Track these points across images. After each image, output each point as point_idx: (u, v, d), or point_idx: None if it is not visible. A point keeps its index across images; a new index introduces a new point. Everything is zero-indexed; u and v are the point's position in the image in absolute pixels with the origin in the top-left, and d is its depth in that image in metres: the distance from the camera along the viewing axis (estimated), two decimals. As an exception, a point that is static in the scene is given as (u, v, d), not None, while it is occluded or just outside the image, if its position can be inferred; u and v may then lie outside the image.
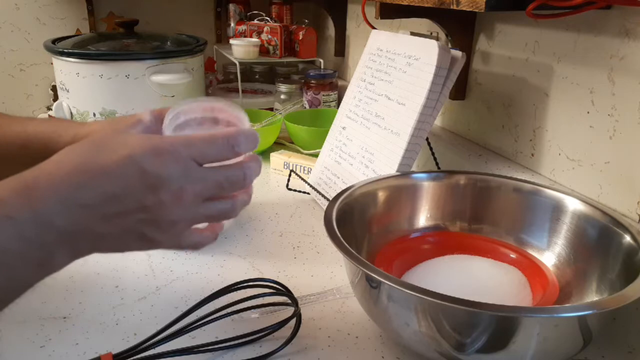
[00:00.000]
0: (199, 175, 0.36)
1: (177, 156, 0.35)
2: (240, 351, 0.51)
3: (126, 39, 1.12)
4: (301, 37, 1.30)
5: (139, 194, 0.34)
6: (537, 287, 0.55)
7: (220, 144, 0.37)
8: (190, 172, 0.36)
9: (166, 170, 0.35)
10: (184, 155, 0.36)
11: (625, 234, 0.51)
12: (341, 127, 0.84)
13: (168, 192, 0.35)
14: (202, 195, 0.37)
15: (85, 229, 0.34)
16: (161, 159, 0.35)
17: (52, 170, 0.34)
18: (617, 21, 0.58)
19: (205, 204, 0.38)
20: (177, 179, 0.35)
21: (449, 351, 0.44)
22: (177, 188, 0.35)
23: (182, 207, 0.36)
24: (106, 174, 0.34)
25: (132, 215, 0.35)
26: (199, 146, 0.36)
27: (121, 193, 0.34)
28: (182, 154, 0.35)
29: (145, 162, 0.34)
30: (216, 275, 0.65)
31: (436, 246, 0.63)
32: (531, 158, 0.73)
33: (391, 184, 0.65)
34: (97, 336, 0.53)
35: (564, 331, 0.42)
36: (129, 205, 0.35)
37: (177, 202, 0.36)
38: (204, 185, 0.37)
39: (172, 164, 0.35)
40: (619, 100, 0.59)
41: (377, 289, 0.46)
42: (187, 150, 0.36)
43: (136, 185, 0.34)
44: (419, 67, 0.70)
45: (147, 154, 0.35)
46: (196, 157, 0.36)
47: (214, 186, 0.38)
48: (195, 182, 0.36)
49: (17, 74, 1.44)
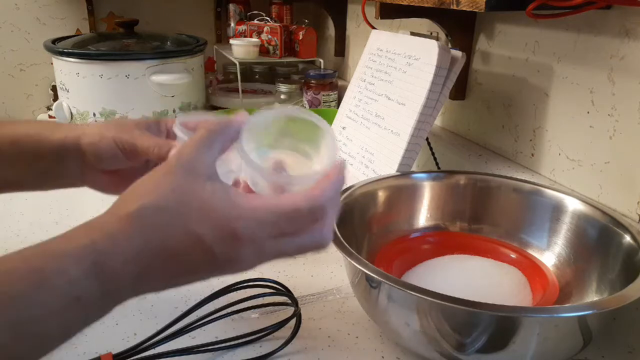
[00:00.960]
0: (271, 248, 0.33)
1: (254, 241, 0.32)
2: (240, 351, 0.51)
3: (126, 39, 1.12)
4: (301, 37, 1.30)
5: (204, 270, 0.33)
6: (537, 287, 0.55)
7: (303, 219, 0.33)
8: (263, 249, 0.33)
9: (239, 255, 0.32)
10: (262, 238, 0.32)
11: (625, 234, 0.51)
12: (341, 127, 0.84)
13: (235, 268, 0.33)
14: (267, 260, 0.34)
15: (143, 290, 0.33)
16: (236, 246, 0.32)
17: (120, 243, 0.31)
18: (617, 21, 0.58)
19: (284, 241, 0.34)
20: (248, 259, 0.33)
21: (449, 351, 0.44)
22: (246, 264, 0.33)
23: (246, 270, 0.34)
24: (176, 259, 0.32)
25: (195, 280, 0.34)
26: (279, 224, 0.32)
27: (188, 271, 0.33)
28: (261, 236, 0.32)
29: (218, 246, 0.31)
30: (216, 275, 0.64)
31: (436, 246, 0.63)
32: (531, 158, 0.73)
33: (391, 184, 0.65)
34: (97, 336, 0.53)
35: (564, 331, 0.42)
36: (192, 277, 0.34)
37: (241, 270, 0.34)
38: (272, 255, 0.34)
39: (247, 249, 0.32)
40: (619, 100, 0.59)
41: (377, 289, 0.46)
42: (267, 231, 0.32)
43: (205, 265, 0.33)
44: (419, 67, 0.70)
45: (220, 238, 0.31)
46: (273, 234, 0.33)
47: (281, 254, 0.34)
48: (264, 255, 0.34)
49: (17, 74, 1.44)
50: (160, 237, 0.31)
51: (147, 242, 0.31)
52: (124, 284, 0.31)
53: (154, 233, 0.31)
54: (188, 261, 0.32)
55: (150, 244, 0.31)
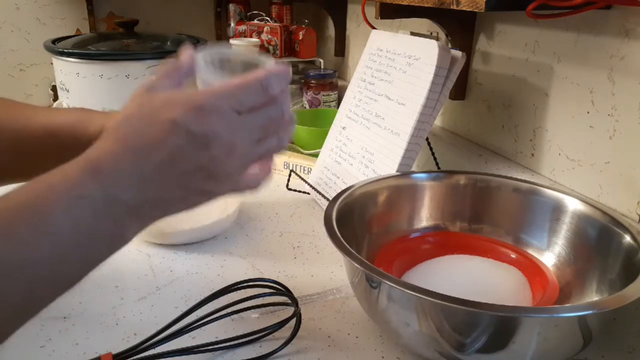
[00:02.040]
0: (243, 124, 0.38)
1: (219, 111, 0.36)
2: (240, 351, 0.51)
3: (126, 39, 1.12)
4: (301, 37, 1.30)
5: (191, 156, 0.36)
6: (537, 287, 0.55)
7: (254, 88, 0.38)
8: (234, 124, 0.37)
9: (212, 127, 0.36)
10: (225, 109, 0.36)
11: (625, 234, 0.51)
12: (341, 127, 0.84)
13: (219, 147, 0.36)
14: (250, 141, 0.39)
15: (149, 198, 0.36)
16: (205, 118, 0.36)
17: (111, 149, 0.35)
18: (617, 21, 0.58)
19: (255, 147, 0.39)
20: (224, 134, 0.36)
21: (449, 351, 0.44)
22: (226, 141, 0.37)
23: (235, 157, 0.38)
24: (156, 145, 0.35)
25: (191, 176, 0.37)
26: (237, 95, 0.37)
27: (175, 159, 0.36)
28: (224, 107, 0.36)
29: (190, 123, 0.35)
30: (216, 275, 0.65)
31: (436, 246, 0.63)
32: (531, 158, 0.73)
33: (391, 184, 0.65)
34: (97, 336, 0.53)
35: (564, 331, 0.42)
36: (186, 167, 0.36)
37: (229, 154, 0.37)
38: (249, 131, 0.38)
39: (216, 120, 0.36)
40: (619, 100, 0.59)
41: (377, 289, 0.46)
42: (228, 102, 0.37)
43: (187, 148, 0.36)
44: (419, 67, 0.70)
45: (190, 115, 0.35)
46: (236, 107, 0.37)
47: (259, 129, 0.39)
48: (241, 132, 0.37)
49: (17, 74, 1.44)
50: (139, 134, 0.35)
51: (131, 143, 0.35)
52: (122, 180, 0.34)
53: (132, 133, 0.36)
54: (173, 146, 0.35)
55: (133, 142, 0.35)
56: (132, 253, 0.69)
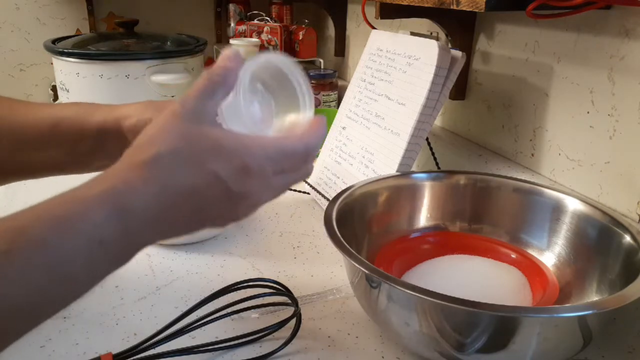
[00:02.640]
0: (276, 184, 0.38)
1: (262, 175, 0.36)
2: (240, 351, 0.51)
3: (126, 39, 1.12)
4: (301, 37, 1.30)
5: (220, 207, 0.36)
6: (537, 287, 0.55)
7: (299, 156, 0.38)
8: (269, 185, 0.37)
9: (251, 188, 0.36)
10: (268, 173, 0.36)
11: (625, 234, 0.51)
12: (341, 127, 0.84)
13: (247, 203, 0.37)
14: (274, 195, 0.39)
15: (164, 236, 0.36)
16: (248, 180, 0.35)
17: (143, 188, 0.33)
18: (617, 21, 0.58)
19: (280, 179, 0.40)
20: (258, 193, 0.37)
21: (449, 351, 0.44)
22: (256, 199, 0.37)
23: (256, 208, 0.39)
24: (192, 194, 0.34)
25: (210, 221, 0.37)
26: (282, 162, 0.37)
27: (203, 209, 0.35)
28: (268, 172, 0.36)
29: (232, 181, 0.35)
30: (216, 275, 0.65)
31: (436, 246, 0.63)
32: (531, 158, 0.73)
33: (391, 184, 0.65)
34: (97, 336, 0.53)
35: (564, 331, 0.42)
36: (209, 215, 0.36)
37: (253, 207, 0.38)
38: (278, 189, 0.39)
39: (257, 182, 0.36)
40: (619, 100, 0.59)
41: (377, 289, 0.46)
42: (273, 167, 0.36)
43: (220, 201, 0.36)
44: (419, 67, 0.70)
45: (234, 172, 0.35)
46: (278, 171, 0.37)
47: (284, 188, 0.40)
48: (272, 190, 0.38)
49: (17, 74, 1.44)
50: (177, 178, 0.34)
51: (165, 184, 0.33)
52: (145, 225, 0.33)
53: (171, 175, 0.33)
54: (207, 197, 0.35)
55: (168, 184, 0.33)
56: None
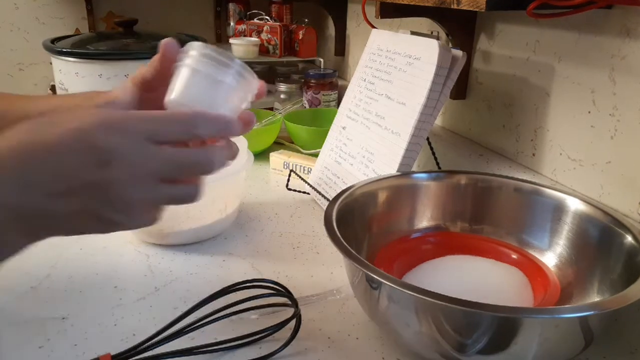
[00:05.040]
0: (152, 152, 0.35)
1: (129, 130, 0.34)
2: (240, 352, 0.51)
3: (125, 38, 1.12)
4: (301, 37, 1.30)
5: (86, 170, 0.33)
6: (539, 288, 0.55)
7: (178, 123, 0.36)
8: (142, 149, 0.34)
9: (116, 144, 0.33)
10: (136, 130, 0.34)
11: (627, 234, 0.50)
12: (341, 127, 0.84)
13: (118, 169, 0.34)
14: (157, 174, 0.36)
15: (34, 207, 0.33)
16: (111, 133, 0.33)
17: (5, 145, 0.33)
18: (618, 21, 0.58)
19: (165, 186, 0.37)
20: (127, 155, 0.34)
21: (449, 352, 0.44)
22: (127, 164, 0.34)
23: (136, 186, 0.35)
24: (51, 150, 0.33)
25: (82, 193, 0.34)
26: (155, 122, 0.35)
27: (68, 169, 0.33)
28: (135, 130, 0.34)
29: (95, 135, 0.33)
30: (216, 275, 0.64)
31: (437, 246, 0.63)
32: (532, 158, 0.73)
33: (391, 184, 0.65)
34: (96, 337, 0.53)
35: (566, 332, 0.42)
36: (76, 182, 0.33)
37: (129, 180, 0.34)
38: (158, 164, 0.35)
39: (122, 138, 0.34)
40: (620, 100, 0.58)
41: (377, 290, 0.46)
42: (142, 125, 0.35)
43: (83, 160, 0.33)
44: (420, 67, 0.70)
45: (97, 127, 0.33)
46: (151, 134, 0.35)
47: (172, 167, 0.36)
48: (148, 160, 0.35)
49: (16, 73, 1.44)
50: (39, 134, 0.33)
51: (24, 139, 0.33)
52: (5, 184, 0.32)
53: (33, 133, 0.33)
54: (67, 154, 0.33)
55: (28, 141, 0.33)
56: (131, 253, 0.69)
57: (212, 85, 0.40)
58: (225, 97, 0.40)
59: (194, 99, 0.39)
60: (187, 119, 0.37)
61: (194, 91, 0.39)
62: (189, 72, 0.40)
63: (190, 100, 0.39)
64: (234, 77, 0.40)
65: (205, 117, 0.37)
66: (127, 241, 0.71)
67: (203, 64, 0.40)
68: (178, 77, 0.40)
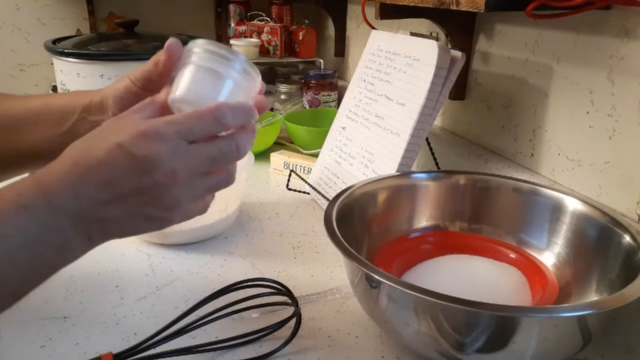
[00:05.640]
0: (189, 152, 0.38)
1: (163, 137, 0.37)
2: (240, 351, 0.51)
3: (126, 39, 1.12)
4: (301, 38, 1.30)
5: (132, 179, 0.36)
6: (537, 287, 0.55)
7: (206, 118, 0.38)
8: (179, 151, 0.37)
9: (154, 152, 0.36)
10: (170, 135, 0.37)
11: (625, 234, 0.51)
12: (341, 127, 0.84)
13: (161, 173, 0.37)
14: (197, 171, 0.39)
15: (90, 214, 0.37)
16: (148, 142, 0.36)
17: (57, 167, 0.37)
18: (617, 21, 0.58)
19: (203, 178, 0.40)
20: (167, 159, 0.37)
21: (448, 351, 0.44)
22: (169, 168, 0.37)
23: (179, 185, 0.38)
24: (98, 164, 0.36)
25: (131, 199, 0.37)
26: (185, 123, 0.37)
27: (114, 179, 0.36)
28: (169, 134, 0.37)
29: (133, 147, 0.36)
30: (216, 275, 0.65)
31: (436, 246, 0.63)
32: (531, 158, 0.73)
33: (391, 184, 0.65)
34: (98, 336, 0.53)
35: (564, 331, 0.42)
36: (124, 189, 0.37)
37: (172, 181, 0.37)
38: (196, 161, 0.38)
39: (159, 145, 0.36)
40: (619, 100, 0.59)
41: (377, 289, 0.46)
42: (173, 128, 0.37)
43: (127, 170, 0.36)
44: (419, 68, 0.70)
45: (134, 139, 0.36)
46: (184, 135, 0.37)
47: (207, 161, 0.39)
48: (186, 160, 0.38)
49: (17, 74, 1.44)
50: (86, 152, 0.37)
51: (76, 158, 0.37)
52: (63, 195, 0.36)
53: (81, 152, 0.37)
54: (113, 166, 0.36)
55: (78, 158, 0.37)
56: (132, 253, 0.69)
57: (217, 81, 0.40)
58: (230, 93, 0.40)
59: (200, 96, 0.40)
60: (215, 112, 0.38)
61: (199, 87, 0.40)
62: (193, 69, 0.40)
63: (196, 97, 0.40)
64: (238, 73, 0.41)
65: (231, 107, 0.39)
66: (129, 241, 0.71)
67: (206, 60, 0.40)
68: (182, 75, 0.40)
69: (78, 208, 0.36)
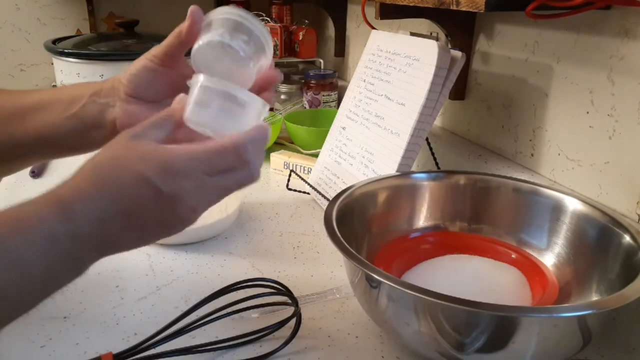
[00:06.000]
0: (210, 185, 0.39)
1: (190, 175, 0.37)
2: (240, 351, 0.51)
3: (126, 39, 1.12)
4: (301, 38, 1.30)
5: (155, 211, 0.37)
6: (537, 287, 0.55)
7: (230, 155, 0.39)
8: (203, 186, 0.38)
9: (181, 190, 0.37)
10: (197, 174, 0.38)
11: (625, 234, 0.51)
12: (341, 127, 0.84)
13: (183, 208, 0.38)
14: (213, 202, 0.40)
15: (109, 239, 0.38)
16: (175, 180, 0.37)
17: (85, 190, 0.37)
18: (617, 21, 0.58)
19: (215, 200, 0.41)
20: (191, 195, 0.38)
21: (448, 351, 0.44)
22: (193, 202, 0.38)
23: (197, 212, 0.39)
24: (123, 195, 0.37)
25: (150, 226, 0.38)
26: (211, 161, 0.38)
27: (139, 212, 0.37)
28: (196, 172, 0.38)
29: (159, 182, 0.37)
30: (216, 275, 0.65)
31: (436, 246, 0.63)
32: (531, 158, 0.73)
33: (391, 184, 0.65)
34: (98, 336, 0.53)
35: (564, 331, 0.42)
36: (146, 219, 0.38)
37: (192, 214, 0.39)
38: (214, 194, 0.39)
39: (186, 183, 0.37)
40: (619, 100, 0.59)
41: (377, 289, 0.46)
42: (201, 166, 0.38)
43: (152, 203, 0.37)
44: (419, 68, 0.70)
45: (161, 173, 0.37)
46: (207, 171, 0.38)
47: (224, 192, 0.40)
48: (206, 194, 0.39)
49: (17, 74, 1.45)
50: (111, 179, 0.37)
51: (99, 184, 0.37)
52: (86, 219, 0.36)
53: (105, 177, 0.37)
54: (138, 198, 0.37)
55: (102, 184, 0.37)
56: (132, 253, 0.68)
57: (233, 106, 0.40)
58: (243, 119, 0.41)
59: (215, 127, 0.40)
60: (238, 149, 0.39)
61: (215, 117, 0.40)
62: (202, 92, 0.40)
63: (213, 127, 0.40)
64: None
65: (251, 139, 0.39)
66: (128, 241, 0.71)
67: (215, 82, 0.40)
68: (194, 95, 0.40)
69: (101, 233, 0.37)
